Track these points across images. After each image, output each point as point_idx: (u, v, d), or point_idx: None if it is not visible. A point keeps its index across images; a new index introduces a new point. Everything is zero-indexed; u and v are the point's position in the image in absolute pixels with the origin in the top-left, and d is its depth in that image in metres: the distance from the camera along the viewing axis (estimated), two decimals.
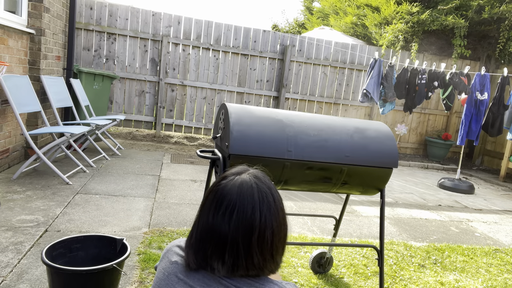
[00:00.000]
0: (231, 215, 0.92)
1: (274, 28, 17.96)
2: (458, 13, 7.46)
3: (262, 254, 0.93)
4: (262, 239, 0.93)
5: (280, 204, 0.97)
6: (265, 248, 0.93)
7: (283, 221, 0.98)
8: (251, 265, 0.92)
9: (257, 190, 0.95)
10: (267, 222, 0.93)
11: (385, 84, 5.95)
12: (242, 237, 0.91)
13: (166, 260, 1.00)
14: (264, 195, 0.95)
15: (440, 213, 4.54)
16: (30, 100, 4.04)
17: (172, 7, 55.86)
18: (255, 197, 0.94)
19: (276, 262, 0.97)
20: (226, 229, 0.92)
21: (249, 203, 0.93)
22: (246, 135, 1.79)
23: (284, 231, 0.98)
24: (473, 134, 5.76)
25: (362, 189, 2.06)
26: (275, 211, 0.95)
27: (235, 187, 0.95)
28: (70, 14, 5.33)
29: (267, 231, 0.93)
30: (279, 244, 0.96)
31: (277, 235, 0.95)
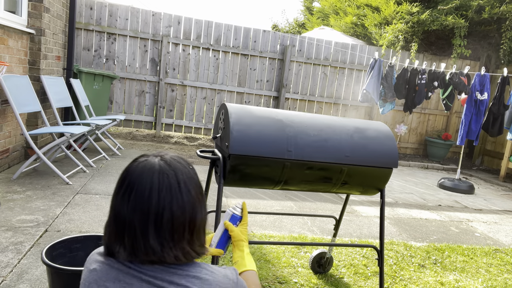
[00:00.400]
0: (129, 196, 0.91)
1: (274, 28, 17.96)
2: (458, 13, 7.46)
3: (158, 237, 0.90)
4: (160, 222, 0.90)
5: (187, 187, 0.94)
6: (162, 231, 0.90)
7: (189, 205, 0.94)
8: (149, 249, 0.90)
9: (158, 172, 0.92)
10: (165, 205, 0.90)
11: (385, 84, 5.95)
12: (139, 219, 0.90)
13: (85, 270, 0.97)
14: (165, 176, 0.92)
15: (440, 213, 4.54)
16: (30, 100, 4.04)
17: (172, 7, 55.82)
18: (154, 179, 0.91)
19: (183, 248, 0.93)
20: (124, 210, 0.91)
21: (147, 184, 0.91)
22: (246, 135, 1.79)
23: (189, 216, 0.94)
24: (473, 134, 5.76)
25: (362, 189, 2.06)
26: (176, 193, 0.92)
27: (138, 169, 0.93)
28: (70, 14, 5.33)
29: (165, 214, 0.90)
30: (182, 229, 0.92)
31: (178, 219, 0.91)
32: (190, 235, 0.94)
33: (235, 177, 1.87)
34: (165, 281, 0.91)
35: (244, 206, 1.44)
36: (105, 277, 0.92)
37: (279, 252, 2.92)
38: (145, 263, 0.92)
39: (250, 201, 4.04)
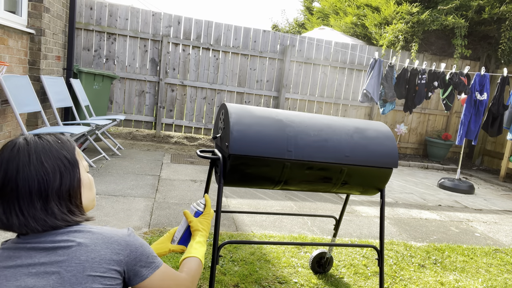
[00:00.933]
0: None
1: (274, 28, 17.96)
2: (458, 13, 7.46)
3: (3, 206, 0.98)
4: (2, 192, 0.97)
5: (39, 160, 0.99)
6: (6, 200, 0.98)
7: (39, 176, 0.98)
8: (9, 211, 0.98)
9: (10, 149, 0.99)
10: (9, 177, 0.97)
11: (385, 84, 5.95)
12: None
13: None
14: (16, 151, 0.99)
15: (440, 213, 4.54)
16: (30, 100, 4.04)
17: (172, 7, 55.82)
18: (5, 154, 0.99)
19: (34, 215, 0.98)
20: None
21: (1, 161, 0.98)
22: (246, 135, 1.79)
23: (38, 186, 0.98)
24: (472, 134, 5.77)
25: (362, 189, 2.06)
26: (24, 166, 0.98)
27: (3, 147, 1.02)
28: (70, 14, 5.33)
29: (8, 185, 0.97)
30: (28, 198, 0.97)
31: (22, 188, 0.97)
32: (44, 203, 0.99)
33: (235, 177, 1.87)
34: (48, 242, 0.96)
35: (206, 199, 1.51)
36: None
37: (279, 252, 2.92)
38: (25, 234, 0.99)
39: (250, 201, 4.05)
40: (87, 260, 0.94)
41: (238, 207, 3.83)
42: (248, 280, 2.44)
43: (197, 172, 4.99)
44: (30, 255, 0.96)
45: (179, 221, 3.27)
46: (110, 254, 0.98)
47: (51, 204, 0.99)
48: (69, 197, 1.03)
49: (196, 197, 3.96)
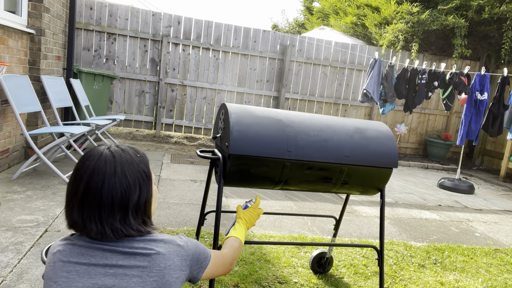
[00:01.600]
0: (73, 176, 1.05)
1: (274, 28, 17.96)
2: (458, 13, 7.46)
3: (80, 212, 1.02)
4: (83, 200, 1.01)
5: (123, 173, 1.03)
6: (86, 207, 1.01)
7: (122, 189, 1.03)
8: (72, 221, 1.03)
9: (97, 159, 1.04)
10: (93, 186, 1.01)
11: (385, 84, 5.95)
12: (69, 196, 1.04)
13: (48, 257, 1.05)
14: (103, 162, 1.03)
15: (440, 213, 4.54)
16: (30, 100, 4.04)
17: (172, 7, 55.82)
18: (91, 163, 1.03)
19: (111, 225, 1.01)
20: (68, 189, 1.05)
21: (85, 168, 1.03)
22: (246, 135, 1.79)
23: (121, 198, 1.02)
24: (473, 134, 5.76)
25: (362, 189, 2.06)
26: (110, 177, 1.02)
27: (85, 157, 1.06)
28: (70, 14, 5.33)
29: (90, 194, 1.01)
30: (110, 208, 1.01)
31: (105, 198, 1.01)
32: (124, 215, 1.03)
33: (235, 177, 1.87)
34: (126, 247, 1.01)
35: (257, 198, 1.74)
36: (69, 255, 1.00)
37: (279, 252, 2.92)
38: None
39: None
40: (166, 268, 1.02)
41: (236, 208, 3.82)
42: (248, 280, 2.44)
43: (197, 172, 4.99)
44: (106, 256, 1.00)
45: (179, 221, 3.27)
46: (180, 261, 1.06)
47: (129, 215, 1.04)
48: (144, 209, 1.08)
49: (196, 197, 3.96)
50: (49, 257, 1.04)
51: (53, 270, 1.00)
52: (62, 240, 1.07)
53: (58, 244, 1.05)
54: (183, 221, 3.29)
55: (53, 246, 1.06)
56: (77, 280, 0.97)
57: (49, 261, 1.03)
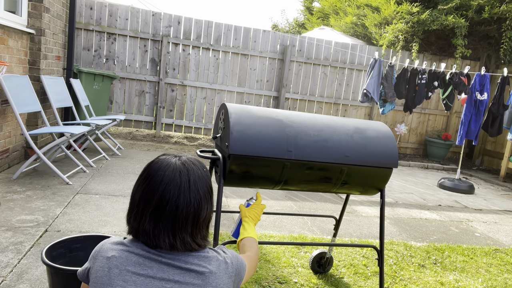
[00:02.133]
0: (143, 186, 1.05)
1: (274, 28, 17.97)
2: (458, 13, 7.46)
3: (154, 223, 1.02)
4: (160, 211, 1.02)
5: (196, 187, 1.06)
6: (161, 220, 1.02)
7: (195, 203, 1.05)
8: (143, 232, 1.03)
9: (172, 169, 1.05)
10: (170, 198, 1.02)
11: (385, 84, 5.95)
12: (142, 205, 1.04)
13: (101, 259, 1.04)
14: (178, 174, 1.04)
15: (440, 213, 4.54)
16: (30, 100, 4.04)
17: (172, 7, 55.84)
18: (166, 174, 1.04)
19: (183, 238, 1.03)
20: (137, 197, 1.06)
21: (159, 178, 1.04)
22: (246, 135, 1.79)
23: (194, 212, 1.04)
24: (472, 134, 5.77)
25: (362, 189, 2.06)
26: (185, 190, 1.04)
27: (156, 165, 1.07)
28: (70, 14, 5.33)
29: (168, 206, 1.02)
30: (183, 221, 1.03)
31: (181, 212, 1.02)
32: (193, 228, 1.05)
33: (235, 177, 1.87)
34: (182, 262, 1.03)
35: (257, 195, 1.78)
36: (125, 262, 1.01)
37: (279, 252, 2.92)
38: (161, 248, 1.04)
39: None
40: (216, 286, 1.05)
41: (238, 207, 3.83)
42: (248, 280, 2.44)
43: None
44: (162, 269, 1.01)
45: None
46: (228, 279, 1.09)
47: (197, 229, 1.06)
48: (207, 224, 1.11)
49: None
50: (102, 261, 1.03)
51: (109, 276, 1.00)
52: (115, 244, 1.06)
53: (111, 248, 1.05)
54: None
55: (105, 249, 1.05)
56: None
57: (103, 265, 1.02)
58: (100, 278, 1.00)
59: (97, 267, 1.03)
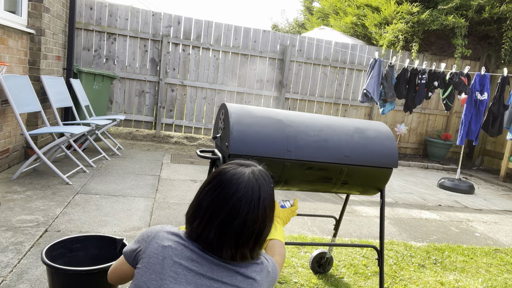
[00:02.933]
0: (214, 193, 1.05)
1: (274, 28, 17.96)
2: (458, 13, 7.46)
3: (219, 234, 1.03)
4: (228, 223, 1.02)
5: (264, 205, 1.07)
6: (228, 232, 1.03)
7: (261, 220, 1.06)
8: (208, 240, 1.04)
9: (245, 183, 1.05)
10: (240, 213, 1.03)
11: (385, 84, 5.95)
12: (211, 213, 1.04)
13: (155, 246, 1.06)
14: (250, 189, 1.05)
15: (440, 213, 4.54)
16: (30, 100, 4.04)
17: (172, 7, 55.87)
18: (239, 187, 1.04)
19: (243, 253, 1.05)
20: (205, 202, 1.06)
21: (232, 189, 1.04)
22: (246, 135, 1.79)
23: (259, 229, 1.06)
24: (473, 134, 5.76)
25: (362, 189, 2.06)
26: (254, 207, 1.04)
27: (229, 173, 1.07)
28: (70, 14, 5.33)
29: (237, 220, 1.02)
30: (248, 237, 1.04)
31: (247, 228, 1.04)
32: (254, 244, 1.07)
33: None
34: (231, 264, 1.05)
35: (295, 201, 1.79)
36: (180, 255, 1.03)
37: None
38: None
39: None
40: None
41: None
42: None
43: (197, 172, 4.99)
44: (212, 269, 1.03)
45: (179, 221, 3.27)
46: (267, 287, 1.11)
47: (258, 245, 1.09)
48: (262, 242, 1.12)
49: None
50: (157, 248, 1.05)
51: (162, 265, 1.02)
52: (171, 234, 1.08)
53: (167, 238, 1.07)
54: (183, 221, 3.29)
55: (161, 237, 1.07)
56: (183, 285, 1.00)
57: (157, 253, 1.04)
58: (153, 265, 1.03)
59: (150, 253, 1.05)
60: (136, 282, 1.04)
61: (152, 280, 1.01)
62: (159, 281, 1.00)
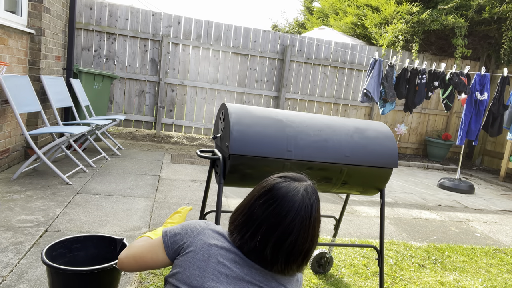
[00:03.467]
0: (269, 207, 1.06)
1: (274, 28, 17.96)
2: (458, 13, 7.46)
3: (274, 251, 1.04)
4: (282, 240, 1.04)
5: (314, 224, 1.09)
6: (281, 248, 1.05)
7: (311, 239, 1.09)
8: (262, 255, 1.05)
9: (300, 202, 1.07)
10: (293, 231, 1.05)
11: (385, 84, 5.95)
12: (266, 228, 1.04)
13: (201, 243, 1.09)
14: (304, 208, 1.07)
15: (440, 213, 4.54)
16: (30, 100, 4.04)
17: (172, 7, 55.87)
18: (294, 205, 1.06)
19: (291, 269, 1.08)
20: (259, 214, 1.06)
21: (287, 207, 1.05)
22: (246, 135, 1.79)
23: (308, 248, 1.09)
24: (473, 134, 5.76)
25: (362, 189, 2.06)
26: (306, 227, 1.07)
27: (283, 188, 1.08)
28: (70, 14, 5.33)
29: (290, 237, 1.04)
30: (298, 255, 1.07)
31: (298, 246, 1.06)
32: (302, 261, 1.09)
33: (235, 177, 1.87)
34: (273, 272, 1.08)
35: None
36: (225, 256, 1.06)
37: None
38: None
39: None
40: None
41: None
42: None
43: (197, 172, 4.99)
44: (252, 272, 1.06)
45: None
46: None
47: (306, 262, 1.12)
48: (308, 260, 1.14)
49: (196, 197, 3.96)
50: (203, 245, 1.08)
51: (207, 263, 1.05)
52: (217, 233, 1.11)
53: (213, 236, 1.10)
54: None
55: (207, 235, 1.10)
56: (224, 285, 1.03)
57: (203, 250, 1.07)
58: (198, 261, 1.05)
59: (196, 248, 1.08)
60: (178, 276, 1.06)
61: (196, 276, 1.04)
62: (202, 278, 1.03)
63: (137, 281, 2.27)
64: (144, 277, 2.32)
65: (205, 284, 1.02)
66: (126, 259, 1.20)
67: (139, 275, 2.33)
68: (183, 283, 1.04)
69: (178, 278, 1.05)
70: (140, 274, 2.34)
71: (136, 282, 2.26)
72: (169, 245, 1.14)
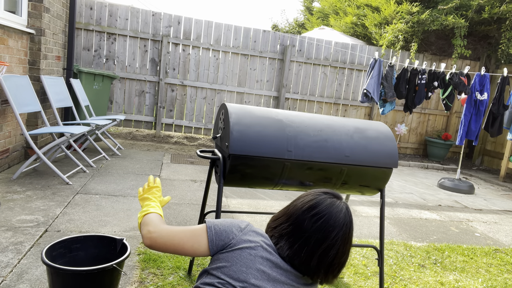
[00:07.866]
0: (317, 221, 1.16)
1: (274, 28, 17.96)
2: (458, 13, 7.46)
3: (319, 263, 1.15)
4: (326, 254, 1.15)
5: (350, 240, 1.21)
6: (324, 261, 1.16)
7: (346, 254, 1.20)
8: (307, 265, 1.16)
9: (343, 219, 1.18)
10: (336, 245, 1.16)
11: (385, 84, 5.95)
12: (315, 241, 1.15)
13: (248, 243, 1.18)
14: (346, 226, 1.18)
15: (440, 213, 4.54)
16: (30, 100, 4.04)
17: (172, 7, 55.85)
18: (338, 222, 1.17)
19: (327, 279, 1.20)
20: (308, 227, 1.16)
21: (333, 223, 1.16)
22: (246, 135, 1.79)
23: (343, 262, 1.20)
24: (473, 134, 5.76)
25: (362, 189, 2.06)
26: (345, 242, 1.18)
27: (327, 203, 1.19)
28: (70, 14, 5.33)
29: (331, 251, 1.15)
30: (336, 267, 1.18)
31: (337, 259, 1.17)
32: (338, 272, 1.21)
33: (235, 177, 1.87)
34: None
35: None
36: (268, 256, 1.17)
37: None
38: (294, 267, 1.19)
39: (250, 201, 4.05)
40: None
41: (238, 207, 3.83)
42: None
43: (197, 172, 4.99)
44: (286, 274, 1.17)
45: (179, 221, 3.27)
46: None
47: (339, 273, 1.22)
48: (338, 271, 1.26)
49: (196, 197, 3.96)
50: (250, 244, 1.17)
51: (253, 261, 1.15)
52: (260, 235, 1.21)
53: (257, 238, 1.20)
54: (183, 221, 3.29)
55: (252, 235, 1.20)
56: (264, 283, 1.13)
57: (250, 248, 1.17)
58: (245, 258, 1.16)
59: (242, 247, 1.17)
60: (225, 270, 1.15)
61: (243, 272, 1.13)
62: (247, 275, 1.13)
63: (137, 281, 2.27)
64: (144, 277, 2.32)
65: (249, 280, 1.13)
66: (161, 240, 1.24)
67: (139, 275, 2.33)
68: (230, 277, 1.13)
69: (225, 272, 1.15)
70: (140, 274, 2.34)
71: (136, 282, 2.26)
72: (214, 241, 1.21)
